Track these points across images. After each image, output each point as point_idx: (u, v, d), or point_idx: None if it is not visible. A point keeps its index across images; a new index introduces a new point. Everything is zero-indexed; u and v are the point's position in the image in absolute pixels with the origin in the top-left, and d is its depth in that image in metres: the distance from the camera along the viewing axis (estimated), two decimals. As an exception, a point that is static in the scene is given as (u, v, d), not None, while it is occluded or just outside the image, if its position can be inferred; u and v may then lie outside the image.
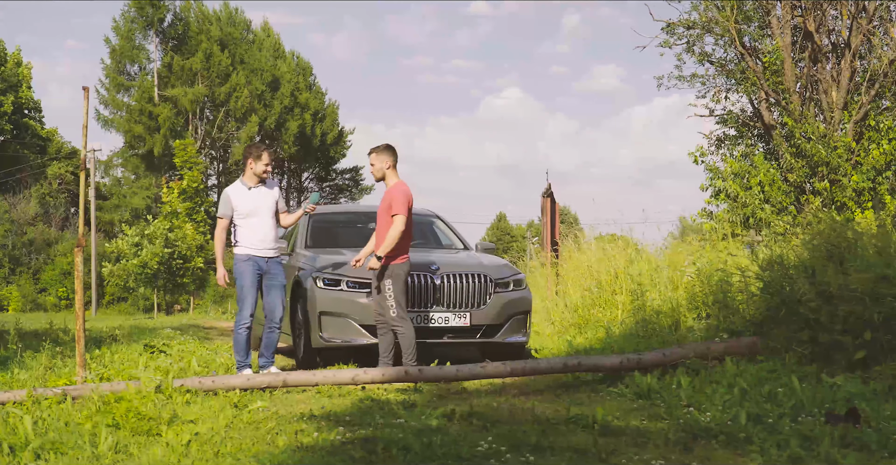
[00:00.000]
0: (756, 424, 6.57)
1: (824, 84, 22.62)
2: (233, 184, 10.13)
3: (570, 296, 14.21)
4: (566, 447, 5.90)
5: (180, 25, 59.35)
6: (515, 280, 10.81)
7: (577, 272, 14.70)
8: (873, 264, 8.08)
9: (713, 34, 24.74)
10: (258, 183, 10.04)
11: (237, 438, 6.38)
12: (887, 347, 7.87)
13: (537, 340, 13.11)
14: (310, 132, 61.52)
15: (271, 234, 9.97)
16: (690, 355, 9.06)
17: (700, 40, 25.61)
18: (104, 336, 14.85)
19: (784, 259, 9.52)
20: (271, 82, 60.06)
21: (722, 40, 24.96)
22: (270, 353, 9.96)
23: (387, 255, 9.42)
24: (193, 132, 57.78)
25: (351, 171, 67.55)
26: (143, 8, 57.40)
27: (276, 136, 61.08)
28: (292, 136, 59.84)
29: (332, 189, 67.49)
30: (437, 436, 5.94)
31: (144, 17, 57.86)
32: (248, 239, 9.87)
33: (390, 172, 9.75)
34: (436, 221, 12.90)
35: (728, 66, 25.49)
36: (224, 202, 9.95)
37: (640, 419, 7.06)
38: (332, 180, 67.36)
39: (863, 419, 6.46)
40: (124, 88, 58.19)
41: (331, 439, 6.16)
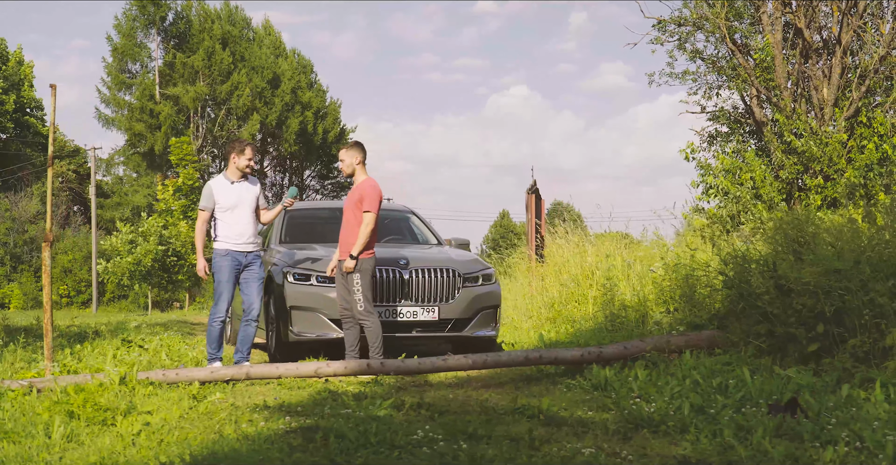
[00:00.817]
0: (699, 414, 6.67)
1: (815, 80, 22.68)
2: (215, 177, 10.25)
3: (548, 292, 14.31)
4: (503, 435, 6.01)
5: (182, 23, 59.52)
6: (485, 275, 10.92)
7: (555, 268, 14.80)
8: (823, 258, 8.17)
9: (704, 31, 24.83)
10: (241, 178, 10.15)
11: (187, 428, 6.49)
12: (839, 339, 7.96)
13: (515, 334, 13.20)
14: (311, 130, 61.64)
15: (250, 229, 10.08)
16: (651, 349, 9.16)
17: (692, 37, 25.70)
18: (89, 332, 14.94)
19: (746, 254, 9.61)
20: (272, 80, 60.21)
21: (713, 37, 25.06)
22: (246, 348, 10.05)
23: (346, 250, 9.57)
24: (195, 130, 57.95)
25: (353, 169, 67.64)
26: (145, 6, 57.58)
27: (277, 134, 61.25)
28: (293, 134, 59.97)
29: (333, 187, 67.57)
30: (374, 425, 6.05)
31: (146, 15, 58.05)
32: (228, 233, 9.97)
33: (360, 168, 9.88)
34: (411, 217, 13.03)
35: (719, 62, 25.58)
36: (206, 195, 10.07)
37: (587, 410, 7.17)
38: (334, 178, 67.42)
39: (803, 409, 6.55)
40: (126, 86, 58.37)
41: (275, 428, 6.28)
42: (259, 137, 61.88)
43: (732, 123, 25.90)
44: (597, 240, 15.69)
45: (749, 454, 5.55)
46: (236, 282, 9.98)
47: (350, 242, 9.59)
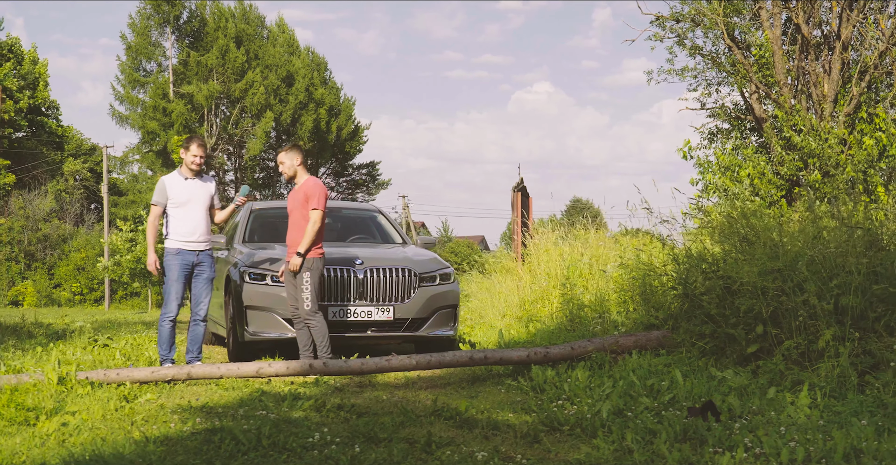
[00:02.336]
0: (618, 417, 6.60)
1: (814, 76, 22.51)
2: (169, 174, 10.22)
3: (522, 291, 14.24)
4: (404, 438, 5.96)
5: (196, 22, 59.63)
6: (442, 274, 10.85)
7: (531, 267, 14.72)
8: (759, 257, 8.07)
9: (702, 27, 24.65)
10: (194, 175, 10.12)
11: (101, 428, 6.46)
12: (777, 341, 7.86)
13: (489, 333, 13.14)
14: (325, 128, 61.63)
15: (202, 226, 10.03)
16: (598, 349, 9.08)
17: (692, 33, 25.52)
18: (70, 331, 14.98)
19: (702, 253, 9.50)
20: (286, 78, 60.21)
21: (711, 33, 24.88)
22: (196, 348, 10.01)
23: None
24: (208, 128, 58.05)
25: (367, 166, 67.60)
26: (160, 5, 57.69)
27: (291, 131, 61.26)
28: (307, 131, 59.95)
29: (348, 184, 67.57)
30: (267, 427, 6.01)
31: (161, 13, 58.15)
32: (179, 230, 9.93)
33: (300, 170, 9.88)
34: (377, 216, 12.98)
35: (719, 58, 25.40)
36: (159, 190, 10.04)
37: (509, 412, 7.11)
38: (349, 175, 67.45)
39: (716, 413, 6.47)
40: (140, 85, 58.49)
41: (182, 430, 6.25)
42: (273, 135, 61.93)
43: (732, 120, 25.71)
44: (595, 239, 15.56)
45: (645, 458, 5.48)
46: (187, 281, 9.95)
47: (298, 242, 9.56)
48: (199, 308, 10.01)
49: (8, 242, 45.37)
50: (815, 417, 6.30)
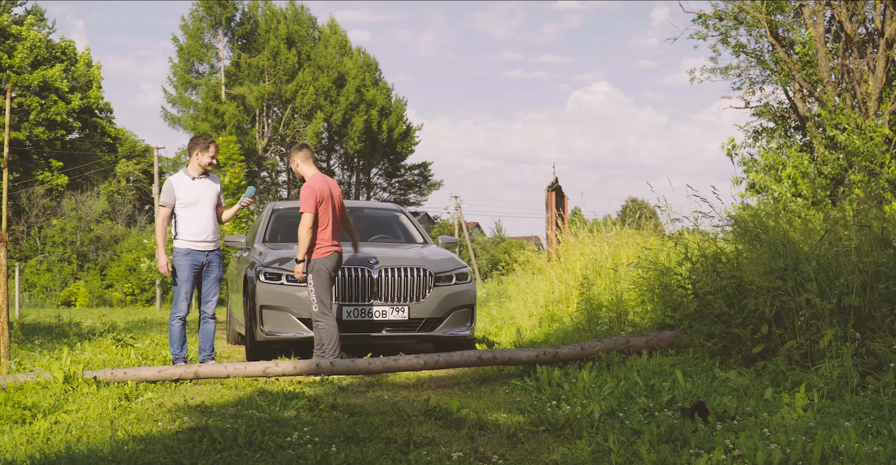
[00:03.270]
0: (610, 418, 6.53)
1: (858, 74, 22.22)
2: (176, 174, 10.24)
3: (549, 291, 14.16)
4: (382, 438, 5.93)
5: (248, 24, 60.00)
6: (458, 274, 10.79)
7: (560, 267, 14.64)
8: (762, 257, 7.95)
9: (745, 25, 24.41)
10: (201, 174, 10.14)
11: (92, 427, 6.49)
12: (782, 341, 7.74)
13: (510, 333, 13.07)
14: (376, 128, 61.79)
15: (211, 226, 10.05)
16: (608, 349, 9.00)
17: (735, 30, 25.28)
18: (101, 331, 15.08)
19: (715, 253, 9.38)
20: (337, 79, 60.42)
21: (754, 31, 24.62)
22: (209, 346, 10.04)
23: (308, 250, 9.50)
24: (260, 129, 58.41)
25: (419, 166, 67.71)
26: (212, 7, 58.11)
27: (342, 132, 61.49)
28: (358, 132, 60.15)
29: (400, 185, 67.75)
30: (243, 426, 6.00)
31: (213, 16, 58.58)
32: (188, 230, 9.95)
33: (303, 169, 9.83)
34: (399, 216, 12.96)
35: (762, 56, 25.14)
36: (167, 191, 10.05)
37: (503, 413, 7.06)
38: (401, 176, 67.61)
39: (702, 414, 6.38)
40: (192, 86, 58.98)
41: (167, 428, 6.25)
42: (324, 136, 62.17)
43: (777, 119, 25.42)
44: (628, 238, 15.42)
45: (622, 459, 5.41)
46: (196, 281, 9.97)
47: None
48: (207, 307, 10.04)
49: (61, 243, 45.90)
50: (808, 418, 6.20)
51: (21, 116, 49.10)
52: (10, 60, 48.08)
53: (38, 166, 50.43)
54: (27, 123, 48.69)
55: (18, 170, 49.28)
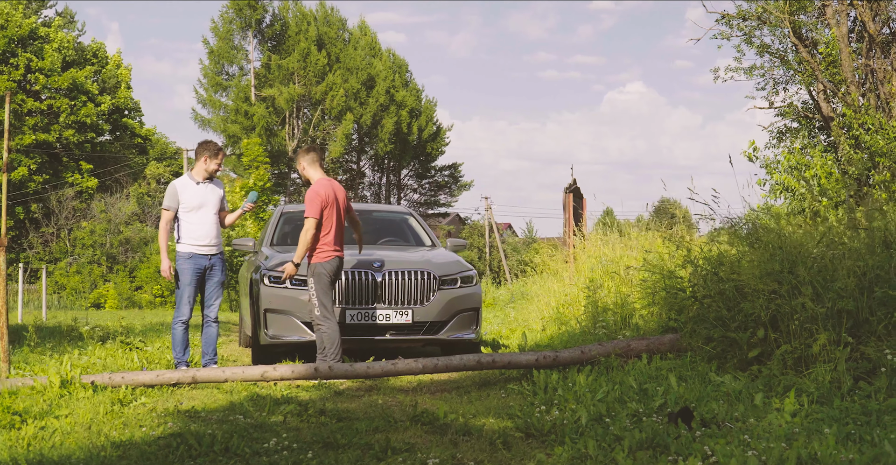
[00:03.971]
0: (597, 423, 6.46)
1: (882, 74, 22.03)
2: (180, 178, 10.26)
3: (560, 293, 14.09)
4: (361, 444, 5.89)
5: (278, 25, 60.16)
6: (464, 277, 10.75)
7: (574, 269, 14.56)
8: (757, 260, 7.87)
9: (768, 25, 24.24)
10: (206, 179, 10.15)
11: (78, 432, 6.48)
12: (776, 345, 7.65)
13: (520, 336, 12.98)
14: (406, 130, 61.80)
15: (213, 230, 10.07)
16: (609, 353, 8.93)
17: (759, 30, 25.11)
18: (115, 334, 15.12)
19: (718, 256, 9.28)
20: (367, 81, 60.47)
21: (777, 31, 24.45)
22: (211, 350, 10.06)
23: (309, 254, 9.50)
24: (290, 131, 58.53)
25: (450, 167, 67.64)
26: (242, 9, 58.31)
27: (372, 133, 61.55)
28: (388, 133, 60.19)
29: (430, 186, 67.73)
30: (219, 432, 5.97)
31: (242, 18, 58.79)
32: (191, 235, 9.98)
33: (310, 172, 9.87)
34: (408, 219, 12.93)
35: (787, 56, 24.95)
36: (170, 195, 10.08)
37: (492, 417, 7.01)
38: (431, 177, 67.57)
39: (686, 419, 6.30)
40: (222, 88, 59.21)
41: (149, 434, 6.24)
42: (354, 137, 62.24)
43: (801, 119, 25.22)
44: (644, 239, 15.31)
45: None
46: (199, 284, 9.98)
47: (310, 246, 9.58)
48: (210, 310, 10.06)
49: (90, 245, 46.12)
50: (795, 424, 6.11)
51: (51, 119, 49.43)
52: (40, 63, 48.40)
53: (67, 169, 50.73)
54: (57, 126, 49.01)
55: (48, 172, 49.62)
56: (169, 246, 10.07)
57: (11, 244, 49.12)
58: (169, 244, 10.09)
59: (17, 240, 49.15)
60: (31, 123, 48.10)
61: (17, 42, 49.04)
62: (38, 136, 48.02)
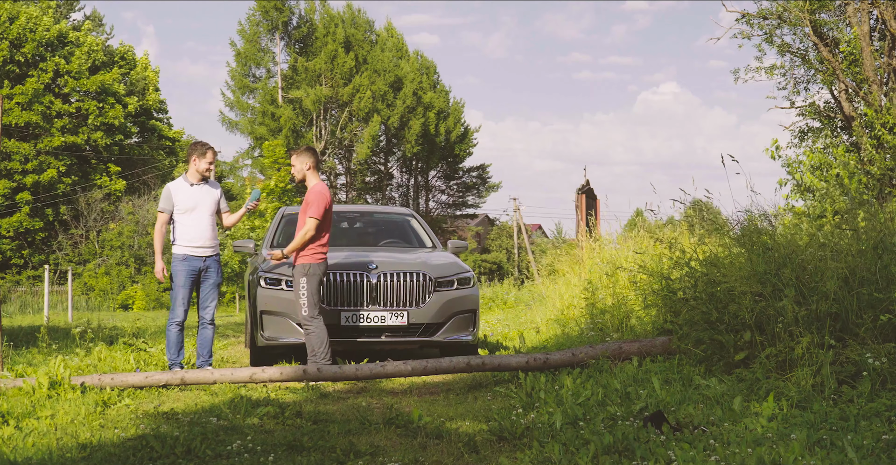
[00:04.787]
0: (572, 426, 6.41)
1: (903, 73, 21.87)
2: (175, 180, 10.28)
3: (566, 295, 14.01)
4: (326, 447, 5.87)
5: (305, 27, 60.30)
6: (460, 279, 10.69)
7: (578, 271, 14.50)
8: (738, 263, 7.78)
9: (788, 24, 24.07)
10: (200, 181, 10.17)
11: (53, 434, 6.48)
12: (762, 348, 7.56)
13: (533, 338, 12.94)
14: (433, 131, 61.76)
15: (209, 232, 10.08)
16: (600, 355, 8.88)
17: (779, 29, 24.95)
18: (126, 334, 15.18)
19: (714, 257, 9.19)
20: (394, 82, 60.48)
21: (798, 30, 24.28)
22: (206, 352, 10.06)
23: (304, 254, 9.49)
24: (317, 133, 58.64)
25: (478, 168, 67.52)
26: (268, 11, 58.49)
27: (399, 135, 61.55)
28: (415, 135, 60.16)
29: (459, 187, 67.62)
30: (182, 435, 5.96)
31: (269, 20, 58.96)
32: (185, 236, 10.00)
33: (310, 174, 9.83)
34: (410, 220, 12.89)
35: (808, 55, 24.77)
36: (165, 197, 10.11)
37: (469, 421, 6.97)
38: (459, 178, 67.45)
39: (657, 422, 6.24)
40: (249, 91, 59.41)
41: (121, 436, 6.23)
42: (382, 139, 62.28)
43: (822, 119, 25.03)
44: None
45: (558, 470, 5.30)
46: (193, 286, 9.99)
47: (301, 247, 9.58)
48: (205, 312, 10.06)
49: (118, 246, 46.34)
50: (771, 428, 6.03)
51: (79, 121, 49.73)
52: (67, 66, 48.72)
53: (96, 171, 51.02)
54: (85, 128, 49.29)
55: (77, 174, 49.91)
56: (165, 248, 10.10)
57: (41, 245, 49.47)
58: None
59: (47, 241, 49.48)
60: (59, 125, 48.38)
61: (46, 46, 49.38)
62: (67, 138, 48.31)
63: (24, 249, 48.90)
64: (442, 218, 66.63)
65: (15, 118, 46.70)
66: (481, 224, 79.39)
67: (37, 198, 48.11)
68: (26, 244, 49.16)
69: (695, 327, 8.42)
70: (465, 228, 69.61)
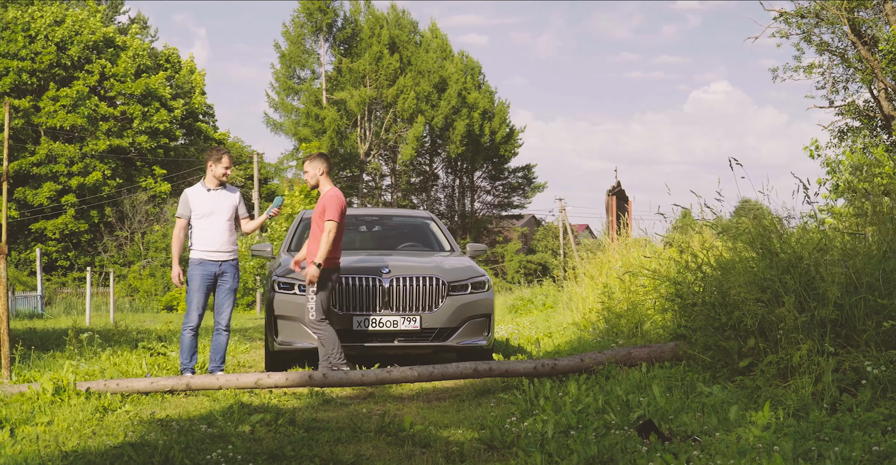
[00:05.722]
0: (563, 436, 6.32)
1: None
2: (193, 186, 10.29)
3: (590, 299, 13.90)
4: (308, 456, 5.82)
5: (349, 29, 60.46)
6: (475, 283, 10.60)
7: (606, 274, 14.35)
8: (739, 268, 7.64)
9: (825, 22, 23.81)
10: (218, 186, 10.16)
11: (44, 439, 6.47)
12: (765, 355, 7.42)
13: (546, 342, 12.84)
14: (478, 131, 61.72)
15: (225, 237, 10.06)
16: (609, 361, 8.77)
17: (817, 28, 24.68)
18: (152, 337, 15.24)
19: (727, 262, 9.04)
20: (438, 83, 60.52)
21: (836, 29, 24.00)
22: (219, 357, 10.04)
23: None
24: (361, 134, 58.76)
25: (523, 169, 67.40)
26: (312, 13, 58.69)
27: (444, 136, 61.56)
28: (460, 135, 60.16)
29: (504, 188, 67.54)
30: (160, 445, 5.92)
31: (313, 22, 59.17)
32: (202, 241, 10.00)
33: (324, 179, 9.83)
34: (429, 223, 12.82)
35: (847, 54, 24.48)
36: (182, 203, 10.14)
37: (463, 428, 6.89)
38: (505, 179, 67.39)
39: (646, 432, 6.13)
40: (293, 92, 59.65)
41: (106, 444, 6.21)
42: (426, 140, 62.31)
43: (862, 118, 24.74)
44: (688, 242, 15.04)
45: (536, 481, 5.22)
46: (209, 291, 9.98)
47: (315, 253, 9.53)
48: (221, 318, 10.05)
49: (163, 248, 46.66)
50: (763, 438, 5.90)
51: (124, 124, 50.11)
52: (113, 69, 49.12)
53: (141, 173, 51.38)
54: (130, 131, 49.67)
55: (122, 176, 50.30)
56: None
57: (86, 247, 49.89)
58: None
59: (92, 243, 49.90)
60: (104, 128, 48.79)
61: (92, 48, 49.82)
62: (112, 141, 48.71)
63: (70, 251, 49.37)
64: (487, 219, 66.60)
65: (60, 121, 47.14)
66: (528, 225, 79.16)
67: (82, 200, 48.54)
68: (72, 246, 49.62)
69: (703, 333, 8.29)
70: (510, 229, 69.49)
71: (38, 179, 48.37)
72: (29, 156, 47.52)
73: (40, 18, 48.42)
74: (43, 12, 49.07)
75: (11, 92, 48.07)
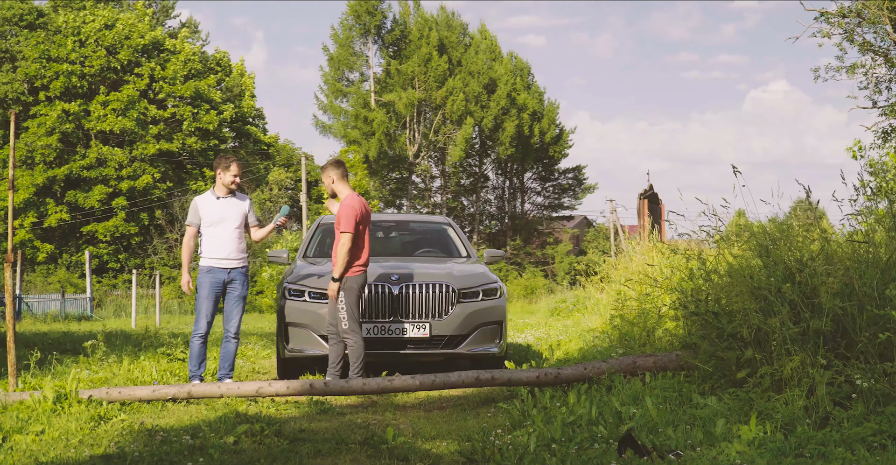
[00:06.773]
0: (545, 450, 6.24)
1: None
2: (202, 194, 10.30)
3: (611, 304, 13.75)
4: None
5: (398, 31, 60.54)
6: (486, 290, 10.51)
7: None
8: (735, 278, 7.51)
9: (867, 22, 23.46)
10: (227, 194, 10.16)
11: (32, 450, 6.49)
12: (760, 366, 7.28)
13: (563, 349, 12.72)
14: (528, 132, 61.57)
15: (234, 244, 10.06)
16: (612, 371, 8.65)
17: (860, 28, 24.32)
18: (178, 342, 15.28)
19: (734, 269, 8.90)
20: (488, 84, 60.44)
21: (879, 28, 23.64)
22: (227, 365, 10.03)
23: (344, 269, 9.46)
24: (410, 136, 58.79)
25: (573, 170, 67.12)
26: (360, 16, 58.82)
27: (493, 137, 61.46)
28: (509, 137, 60.04)
29: (554, 189, 67.30)
30: (130, 456, 5.90)
31: (361, 24, 59.30)
32: (211, 249, 10.01)
33: (339, 186, 9.79)
34: (447, 229, 12.74)
35: (890, 53, 24.11)
36: (192, 211, 10.15)
37: (449, 441, 6.82)
38: (555, 180, 67.15)
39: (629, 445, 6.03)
40: (342, 94, 59.82)
41: (86, 454, 6.21)
42: (476, 141, 62.25)
43: (906, 118, 24.34)
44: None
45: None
46: (217, 299, 9.98)
47: (335, 263, 9.53)
48: (230, 325, 10.05)
49: (212, 250, 47.00)
50: (745, 454, 5.78)
51: (173, 127, 50.47)
52: (163, 72, 49.52)
53: (190, 175, 51.74)
54: (180, 134, 50.03)
55: (172, 180, 50.67)
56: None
57: (137, 250, 50.31)
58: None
59: (142, 246, 50.31)
60: (154, 131, 49.17)
61: (142, 52, 50.26)
62: (162, 145, 49.09)
63: (121, 253, 49.82)
64: (538, 220, 66.42)
65: (110, 124, 47.59)
66: (579, 226, 78.81)
67: (132, 203, 48.95)
68: (122, 249, 50.07)
69: (706, 342, 8.16)
70: (560, 231, 69.21)
71: (88, 183, 48.89)
72: (80, 160, 47.99)
73: (91, 22, 48.94)
74: (95, 15, 49.60)
75: (62, 96, 48.59)
